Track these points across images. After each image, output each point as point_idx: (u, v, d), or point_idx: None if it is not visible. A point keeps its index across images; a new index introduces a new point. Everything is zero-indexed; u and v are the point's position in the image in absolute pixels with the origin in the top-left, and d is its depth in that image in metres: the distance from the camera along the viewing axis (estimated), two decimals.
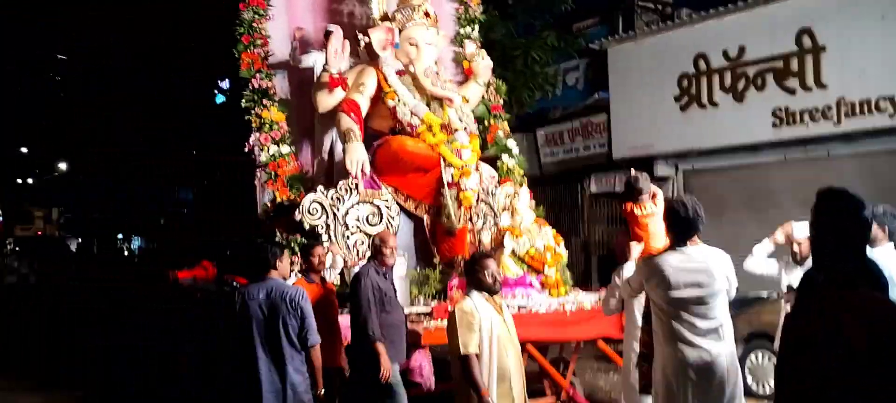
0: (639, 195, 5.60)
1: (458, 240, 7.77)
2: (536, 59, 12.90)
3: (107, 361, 11.82)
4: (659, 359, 4.39)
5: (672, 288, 4.26)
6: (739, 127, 11.72)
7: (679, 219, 4.36)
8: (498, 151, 9.11)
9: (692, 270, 4.28)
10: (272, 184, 7.93)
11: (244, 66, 8.25)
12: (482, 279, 4.56)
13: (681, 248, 4.36)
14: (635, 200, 5.61)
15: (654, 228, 5.35)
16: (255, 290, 5.18)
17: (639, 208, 5.56)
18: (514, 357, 4.55)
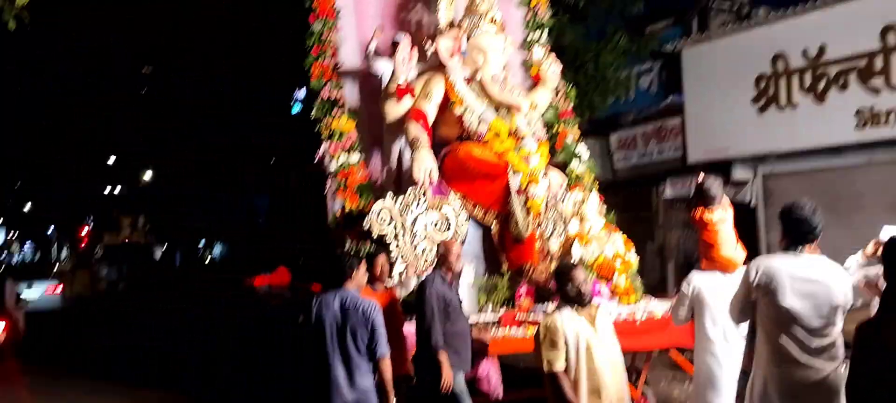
0: (711, 201, 5.44)
1: (526, 248, 7.70)
2: (608, 62, 12.71)
3: (187, 363, 12.17)
4: (759, 378, 3.98)
5: (784, 296, 3.84)
6: (821, 128, 11.32)
7: (795, 221, 3.96)
8: (567, 157, 9.00)
9: (808, 279, 3.85)
10: (342, 192, 8.02)
11: (314, 77, 8.38)
12: (567, 292, 4.44)
13: (796, 253, 3.95)
14: (706, 205, 5.44)
15: (723, 236, 5.20)
16: (331, 298, 5.30)
17: (709, 213, 5.39)
18: (610, 370, 4.33)
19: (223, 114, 26.49)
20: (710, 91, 12.83)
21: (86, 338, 15.17)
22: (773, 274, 3.89)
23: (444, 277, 6.00)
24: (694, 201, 5.58)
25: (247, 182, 28.12)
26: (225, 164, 28.51)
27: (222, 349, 13.28)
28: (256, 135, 25.71)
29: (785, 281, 3.85)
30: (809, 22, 11.40)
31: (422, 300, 5.80)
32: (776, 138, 11.96)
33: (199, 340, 14.61)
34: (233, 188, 29.11)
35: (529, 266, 7.63)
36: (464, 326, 6.03)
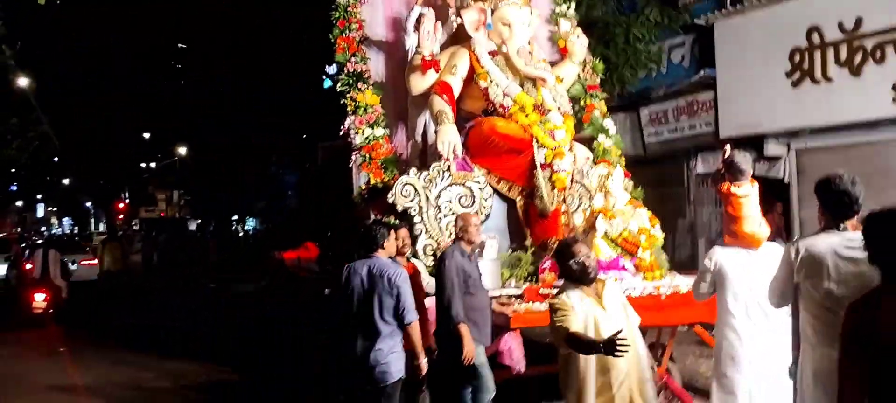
0: (739, 175, 5.34)
1: (551, 222, 7.66)
2: (639, 36, 12.54)
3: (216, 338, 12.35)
4: (808, 362, 3.76)
5: (830, 278, 3.63)
6: (857, 103, 11.05)
7: (835, 195, 3.73)
8: (594, 131, 8.95)
9: (853, 259, 3.59)
10: (367, 166, 8.05)
11: (339, 51, 8.39)
12: (569, 268, 4.21)
13: (838, 231, 3.72)
14: (733, 180, 5.34)
15: (749, 210, 5.11)
16: (360, 266, 5.58)
17: (736, 186, 5.29)
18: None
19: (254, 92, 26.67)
20: (744, 65, 12.58)
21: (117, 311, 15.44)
22: (816, 255, 3.71)
23: (464, 250, 6.01)
24: (721, 174, 5.47)
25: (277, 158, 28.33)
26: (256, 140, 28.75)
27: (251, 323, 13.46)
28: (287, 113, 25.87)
29: (829, 262, 3.66)
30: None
31: (441, 273, 5.83)
32: (811, 113, 11.71)
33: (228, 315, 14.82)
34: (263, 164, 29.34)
35: (554, 240, 7.58)
36: (484, 299, 6.05)
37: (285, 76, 24.61)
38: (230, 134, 29.34)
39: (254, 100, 26.98)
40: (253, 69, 25.81)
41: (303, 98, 24.54)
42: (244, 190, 31.47)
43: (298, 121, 25.30)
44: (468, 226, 6.11)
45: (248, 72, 26.25)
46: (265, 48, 24.41)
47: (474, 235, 6.13)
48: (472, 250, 6.15)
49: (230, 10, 23.46)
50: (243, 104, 27.69)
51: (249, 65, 25.83)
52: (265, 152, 28.57)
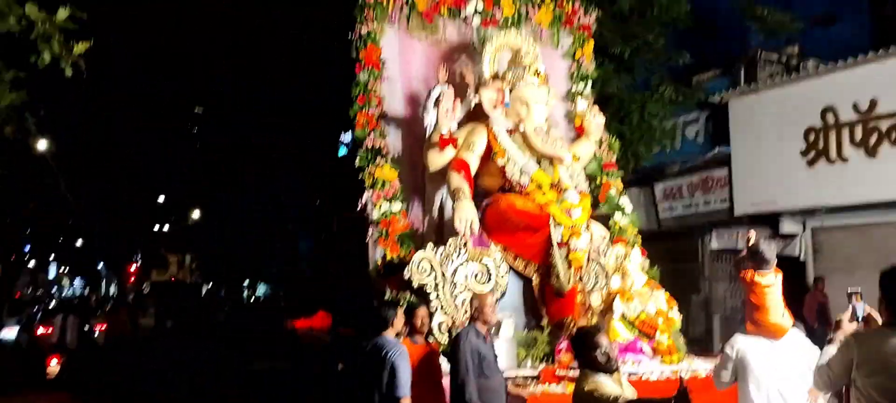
0: (763, 264, 5.30)
1: (567, 302, 7.61)
2: (654, 113, 12.64)
3: None
4: None
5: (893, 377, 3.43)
6: (872, 183, 11.09)
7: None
8: (610, 209, 8.97)
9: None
10: (383, 241, 8.05)
11: (359, 126, 8.46)
12: (595, 359, 4.14)
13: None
14: (758, 268, 5.30)
15: (772, 301, 5.06)
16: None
17: (760, 276, 5.25)
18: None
19: (270, 157, 26.88)
20: (758, 143, 12.67)
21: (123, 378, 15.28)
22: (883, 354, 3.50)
23: (480, 331, 5.97)
24: (745, 261, 5.44)
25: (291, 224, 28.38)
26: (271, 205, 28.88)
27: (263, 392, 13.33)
28: (302, 179, 26.03)
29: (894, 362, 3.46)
30: (860, 75, 11.24)
31: (456, 354, 5.78)
32: (826, 192, 11.75)
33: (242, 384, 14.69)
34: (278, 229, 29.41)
35: (570, 320, 7.54)
36: (499, 381, 5.97)
37: (301, 142, 24.84)
38: (245, 198, 29.50)
39: (269, 165, 27.17)
40: (269, 133, 26.05)
41: (318, 165, 24.74)
42: (257, 254, 31.48)
43: (313, 188, 25.43)
44: (484, 307, 6.06)
45: (264, 137, 26.49)
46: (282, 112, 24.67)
47: (490, 316, 6.09)
48: (487, 331, 6.10)
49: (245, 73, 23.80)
50: (259, 169, 27.88)
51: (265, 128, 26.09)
52: (280, 219, 28.68)
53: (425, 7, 8.93)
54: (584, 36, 9.64)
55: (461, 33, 9.20)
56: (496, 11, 9.12)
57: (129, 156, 26.83)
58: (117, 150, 26.21)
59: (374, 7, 8.66)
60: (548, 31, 9.47)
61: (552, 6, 9.46)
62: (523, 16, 9.25)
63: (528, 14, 9.31)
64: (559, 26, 9.54)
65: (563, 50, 9.65)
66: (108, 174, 26.62)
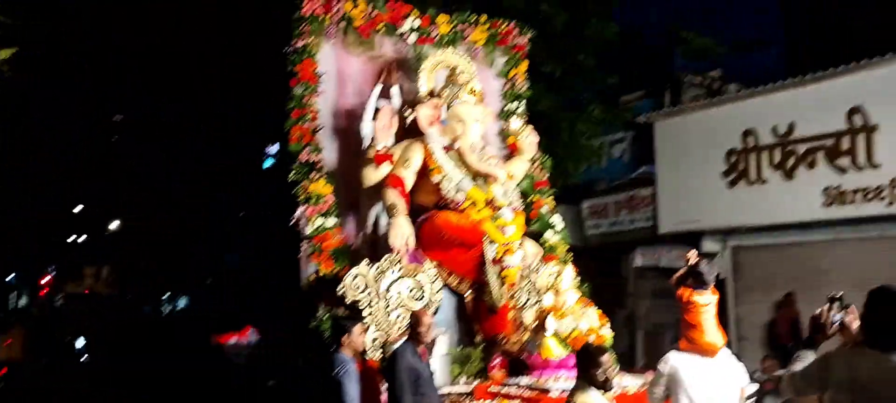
0: (702, 284, 5.49)
1: (500, 318, 7.70)
2: (582, 131, 12.90)
3: None
4: None
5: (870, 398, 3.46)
6: (789, 204, 11.56)
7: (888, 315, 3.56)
8: (542, 227, 9.11)
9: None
10: (317, 256, 7.97)
11: (293, 140, 8.36)
12: (594, 375, 4.48)
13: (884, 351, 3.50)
14: (696, 287, 5.48)
15: (707, 319, 5.25)
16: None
17: (698, 295, 5.44)
18: None
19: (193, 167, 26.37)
20: (682, 163, 13.05)
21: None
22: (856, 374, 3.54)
23: (416, 348, 5.98)
24: (683, 280, 5.62)
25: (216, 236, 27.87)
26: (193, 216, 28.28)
27: None
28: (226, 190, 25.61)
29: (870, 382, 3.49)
30: (779, 100, 11.70)
31: (391, 372, 5.80)
32: (746, 212, 12.17)
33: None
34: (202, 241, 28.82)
35: (503, 336, 7.64)
36: (434, 399, 6.00)
37: (224, 154, 24.46)
38: (165, 210, 28.80)
39: (191, 176, 26.64)
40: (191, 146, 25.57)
41: (244, 177, 24.39)
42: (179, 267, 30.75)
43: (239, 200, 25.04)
44: (421, 326, 6.08)
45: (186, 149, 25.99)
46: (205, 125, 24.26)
47: (426, 335, 6.11)
48: (424, 348, 6.13)
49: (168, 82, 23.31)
50: (179, 180, 27.30)
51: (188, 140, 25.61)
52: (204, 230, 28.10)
53: (362, 23, 8.92)
54: (518, 56, 9.77)
55: (398, 50, 9.21)
56: (433, 30, 9.16)
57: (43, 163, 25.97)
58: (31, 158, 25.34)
59: (310, 21, 8.60)
60: (483, 51, 9.57)
61: (487, 26, 9.57)
62: (459, 35, 9.32)
63: (464, 33, 9.38)
64: (494, 46, 9.65)
65: (498, 69, 9.77)
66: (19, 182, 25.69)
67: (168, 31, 19.45)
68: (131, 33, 19.50)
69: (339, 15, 8.83)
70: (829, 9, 14.09)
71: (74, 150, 26.65)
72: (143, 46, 20.39)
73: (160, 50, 20.61)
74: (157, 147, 26.81)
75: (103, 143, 28.56)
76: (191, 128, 24.85)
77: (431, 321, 6.29)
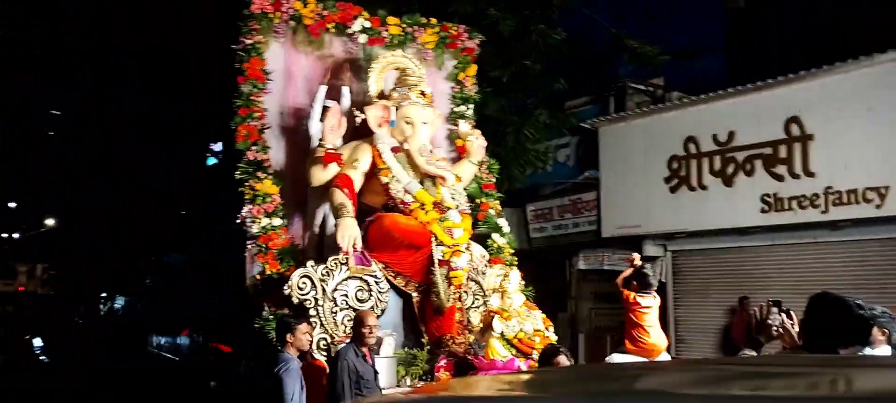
0: (646, 286, 5.62)
1: (446, 320, 7.73)
2: (528, 135, 13.03)
3: None
4: None
5: None
6: (728, 210, 11.84)
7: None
8: (489, 229, 9.16)
9: None
10: (262, 256, 7.91)
11: (240, 139, 8.27)
12: None
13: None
14: (640, 290, 5.62)
15: (651, 320, 5.36)
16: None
17: (642, 297, 5.57)
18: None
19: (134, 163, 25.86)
20: (625, 169, 13.28)
21: None
22: None
23: (358, 350, 5.98)
24: (628, 282, 5.73)
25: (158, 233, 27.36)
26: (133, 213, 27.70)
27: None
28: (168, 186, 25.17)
29: None
30: (720, 109, 11.98)
31: (333, 374, 5.81)
32: (686, 217, 12.43)
33: None
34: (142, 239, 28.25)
35: (449, 337, 7.66)
36: (377, 400, 5.98)
37: (166, 149, 24.06)
38: (104, 205, 28.16)
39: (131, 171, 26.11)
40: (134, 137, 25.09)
41: (183, 173, 24.00)
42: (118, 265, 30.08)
43: (178, 197, 24.63)
44: (362, 326, 6.08)
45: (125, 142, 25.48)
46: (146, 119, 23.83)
47: (368, 338, 6.12)
48: (368, 349, 6.12)
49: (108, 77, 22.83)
50: (119, 175, 26.73)
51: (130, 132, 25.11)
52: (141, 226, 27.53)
53: (312, 22, 8.86)
54: (467, 59, 9.80)
55: (347, 50, 9.18)
56: (383, 30, 9.15)
57: None
58: None
59: (259, 19, 8.52)
60: (432, 53, 9.58)
61: (437, 28, 9.59)
62: (409, 36, 9.32)
63: (414, 35, 9.38)
64: (444, 48, 9.67)
65: (447, 72, 9.79)
66: None
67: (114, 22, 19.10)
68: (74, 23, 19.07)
69: (289, 13, 8.77)
70: (769, 20, 14.48)
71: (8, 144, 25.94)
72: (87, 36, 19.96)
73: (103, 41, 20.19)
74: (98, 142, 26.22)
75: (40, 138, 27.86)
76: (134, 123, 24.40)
77: (375, 322, 6.29)
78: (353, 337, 6.14)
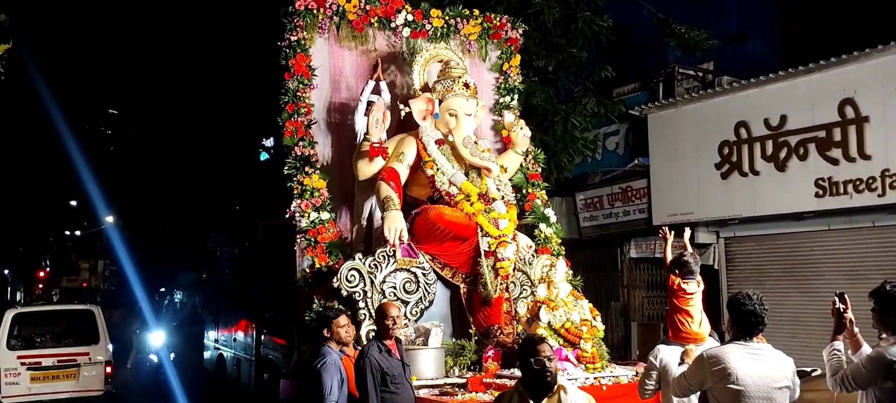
0: (688, 273, 5.62)
1: (494, 310, 7.79)
2: (576, 124, 12.97)
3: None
4: None
5: (737, 382, 4.20)
6: (781, 196, 11.61)
7: (744, 312, 4.34)
8: (535, 220, 9.19)
9: (758, 366, 4.25)
10: (311, 250, 8.06)
11: (287, 135, 8.43)
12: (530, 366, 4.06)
13: (746, 342, 4.34)
14: (683, 276, 5.62)
15: (694, 308, 5.34)
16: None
17: (685, 283, 5.58)
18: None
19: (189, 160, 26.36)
20: (675, 155, 13.11)
21: None
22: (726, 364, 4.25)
23: (382, 344, 5.83)
24: (671, 268, 5.74)
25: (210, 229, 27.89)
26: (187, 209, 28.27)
27: None
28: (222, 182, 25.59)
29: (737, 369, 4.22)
30: (771, 92, 11.74)
31: (360, 373, 5.69)
32: (738, 203, 12.22)
33: None
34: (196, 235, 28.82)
35: (497, 328, 7.72)
36: (408, 394, 5.87)
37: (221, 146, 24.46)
38: (161, 204, 28.82)
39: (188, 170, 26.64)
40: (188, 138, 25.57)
41: (239, 170, 24.38)
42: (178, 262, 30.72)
43: (233, 193, 25.06)
44: (385, 318, 5.89)
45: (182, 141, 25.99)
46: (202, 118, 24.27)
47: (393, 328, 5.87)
48: (393, 342, 5.92)
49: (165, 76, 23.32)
50: (176, 174, 27.30)
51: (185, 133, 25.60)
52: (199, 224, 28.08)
53: (355, 17, 8.97)
54: (511, 49, 9.82)
55: (391, 44, 9.29)
56: (426, 23, 9.22)
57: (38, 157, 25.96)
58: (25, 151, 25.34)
59: (303, 16, 8.66)
60: (476, 44, 9.63)
61: (480, 19, 9.62)
62: (452, 28, 9.38)
63: (457, 26, 9.44)
64: (487, 39, 9.70)
65: (491, 62, 9.83)
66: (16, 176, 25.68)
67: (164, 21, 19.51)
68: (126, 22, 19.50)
69: (333, 9, 8.89)
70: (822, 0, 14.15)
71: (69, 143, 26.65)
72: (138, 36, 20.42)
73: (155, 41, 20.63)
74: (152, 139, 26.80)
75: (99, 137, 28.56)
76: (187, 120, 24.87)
77: (399, 313, 6.13)
78: (376, 331, 6.08)
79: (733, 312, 4.40)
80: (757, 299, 4.33)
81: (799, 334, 11.33)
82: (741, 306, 4.34)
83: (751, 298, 4.33)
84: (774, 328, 11.63)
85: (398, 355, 5.90)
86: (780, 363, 4.34)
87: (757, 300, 4.33)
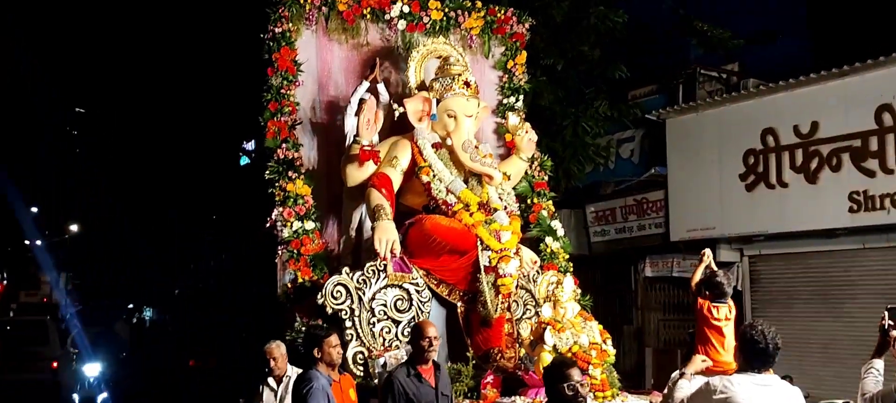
0: (721, 296, 5.63)
1: (494, 331, 7.74)
2: (587, 129, 12.97)
3: None
4: None
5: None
6: (812, 210, 11.60)
7: (755, 348, 4.40)
8: (541, 233, 9.17)
9: (767, 399, 4.30)
10: (294, 263, 8.04)
11: (270, 135, 8.41)
12: (561, 391, 4.18)
13: (754, 374, 4.40)
14: (714, 300, 5.62)
15: (725, 336, 5.33)
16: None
17: (716, 309, 5.57)
18: None
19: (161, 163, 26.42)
20: (696, 164, 13.10)
21: None
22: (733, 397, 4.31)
23: (413, 368, 5.79)
24: (700, 290, 5.73)
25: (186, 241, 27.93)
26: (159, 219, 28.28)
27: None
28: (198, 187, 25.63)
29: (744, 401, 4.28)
30: (802, 97, 11.74)
31: (383, 397, 5.69)
32: (765, 219, 12.21)
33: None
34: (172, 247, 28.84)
35: (497, 351, 7.67)
36: None
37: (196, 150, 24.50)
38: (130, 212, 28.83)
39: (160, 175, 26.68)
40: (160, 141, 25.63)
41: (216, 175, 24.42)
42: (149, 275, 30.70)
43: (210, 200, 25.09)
44: (421, 339, 5.79)
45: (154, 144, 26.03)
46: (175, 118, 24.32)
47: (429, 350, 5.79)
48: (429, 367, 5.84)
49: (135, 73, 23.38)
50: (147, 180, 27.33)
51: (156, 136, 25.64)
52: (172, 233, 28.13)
53: (346, 7, 8.97)
54: (516, 45, 9.81)
55: (385, 37, 9.28)
56: (423, 16, 9.20)
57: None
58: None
59: (289, 5, 8.65)
60: (478, 40, 9.61)
61: (483, 12, 9.61)
62: (452, 21, 9.36)
63: (458, 20, 9.42)
64: (490, 34, 9.69)
65: (494, 60, 9.82)
66: None
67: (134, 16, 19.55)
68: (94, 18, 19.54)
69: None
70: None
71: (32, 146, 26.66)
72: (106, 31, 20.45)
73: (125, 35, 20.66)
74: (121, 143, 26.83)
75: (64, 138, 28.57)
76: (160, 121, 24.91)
77: (436, 333, 5.95)
78: (411, 353, 5.99)
79: (742, 346, 4.49)
80: (770, 334, 4.39)
81: (831, 363, 11.31)
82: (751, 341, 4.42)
83: (763, 334, 4.39)
84: (803, 355, 11.65)
85: (433, 382, 5.78)
86: (790, 396, 4.41)
87: (770, 335, 4.39)
